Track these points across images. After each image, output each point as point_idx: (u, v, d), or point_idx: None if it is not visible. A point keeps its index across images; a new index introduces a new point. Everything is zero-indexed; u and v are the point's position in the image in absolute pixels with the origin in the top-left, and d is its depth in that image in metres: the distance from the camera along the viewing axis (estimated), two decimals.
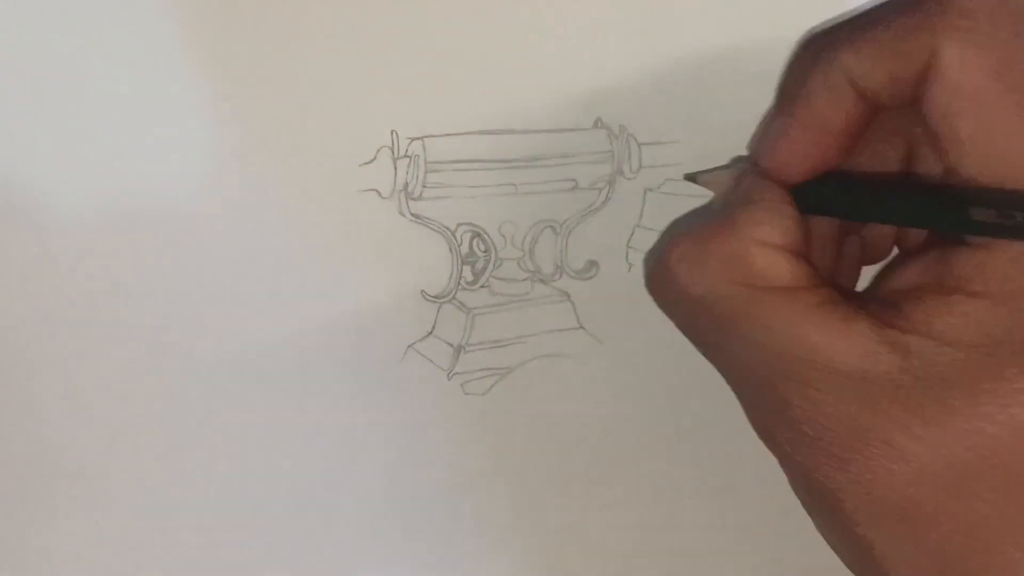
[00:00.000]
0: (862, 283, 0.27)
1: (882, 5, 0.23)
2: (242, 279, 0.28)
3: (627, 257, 0.31)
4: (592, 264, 0.31)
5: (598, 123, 0.29)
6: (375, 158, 0.28)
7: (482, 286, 0.30)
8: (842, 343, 0.22)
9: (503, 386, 0.31)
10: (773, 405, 0.23)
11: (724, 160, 0.29)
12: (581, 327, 0.31)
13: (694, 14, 0.29)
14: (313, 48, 0.27)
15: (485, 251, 0.30)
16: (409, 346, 0.30)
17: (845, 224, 0.26)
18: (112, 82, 0.26)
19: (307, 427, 0.30)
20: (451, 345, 0.30)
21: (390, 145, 0.28)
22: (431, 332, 0.30)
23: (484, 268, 0.30)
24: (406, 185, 0.28)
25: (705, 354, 0.25)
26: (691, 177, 0.27)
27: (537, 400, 0.32)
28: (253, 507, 0.30)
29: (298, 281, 0.28)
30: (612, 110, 0.29)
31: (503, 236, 0.30)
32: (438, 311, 0.30)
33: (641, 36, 0.29)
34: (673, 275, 0.24)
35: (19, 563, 0.29)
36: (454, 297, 0.30)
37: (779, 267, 0.23)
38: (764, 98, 0.30)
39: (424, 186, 0.28)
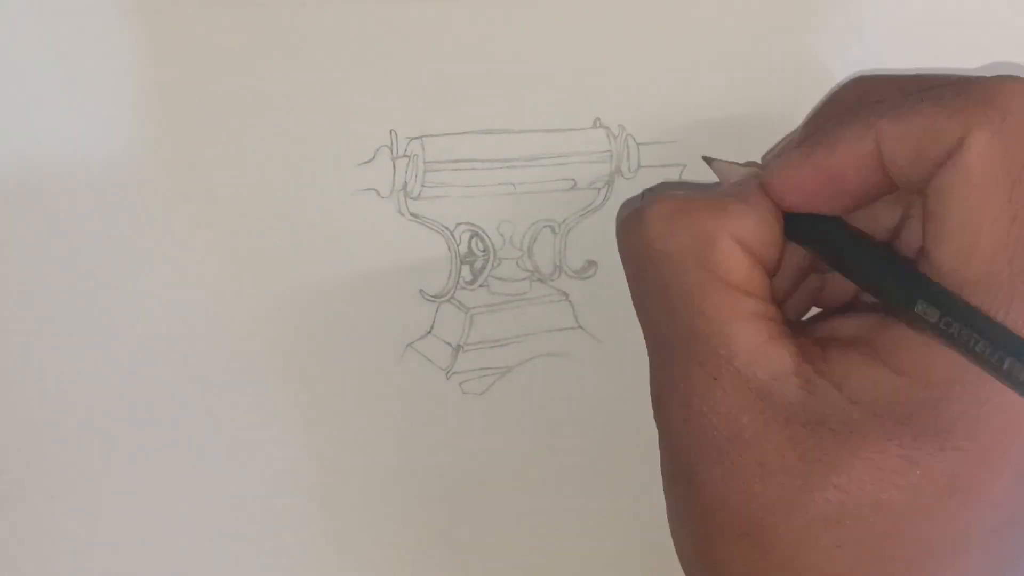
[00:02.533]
0: None
1: (937, 79, 0.24)
2: (240, 278, 0.28)
3: None
4: (591, 264, 0.31)
5: (597, 123, 0.29)
6: (374, 158, 0.28)
7: (481, 285, 0.30)
8: (761, 358, 0.23)
9: (502, 385, 0.31)
10: (678, 382, 0.24)
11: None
12: (580, 326, 0.31)
13: (693, 14, 0.29)
14: (311, 47, 0.27)
15: (484, 250, 0.30)
16: (408, 345, 0.30)
17: (814, 261, 0.27)
18: (107, 83, 0.26)
19: (305, 426, 0.30)
20: (450, 344, 0.30)
21: (389, 144, 0.28)
22: (430, 331, 0.30)
23: (483, 267, 0.30)
24: (405, 184, 0.28)
25: (639, 309, 0.26)
26: (708, 159, 0.28)
27: (536, 399, 0.32)
28: (251, 506, 0.30)
29: (296, 280, 0.29)
30: (611, 110, 0.29)
31: (502, 235, 0.30)
32: (437, 310, 0.30)
33: (640, 36, 0.29)
34: (646, 226, 0.25)
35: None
36: (453, 296, 0.30)
37: (738, 265, 0.24)
38: (762, 99, 0.30)
39: (423, 185, 0.28)
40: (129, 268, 0.27)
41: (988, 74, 0.23)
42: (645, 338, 0.26)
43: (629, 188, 0.30)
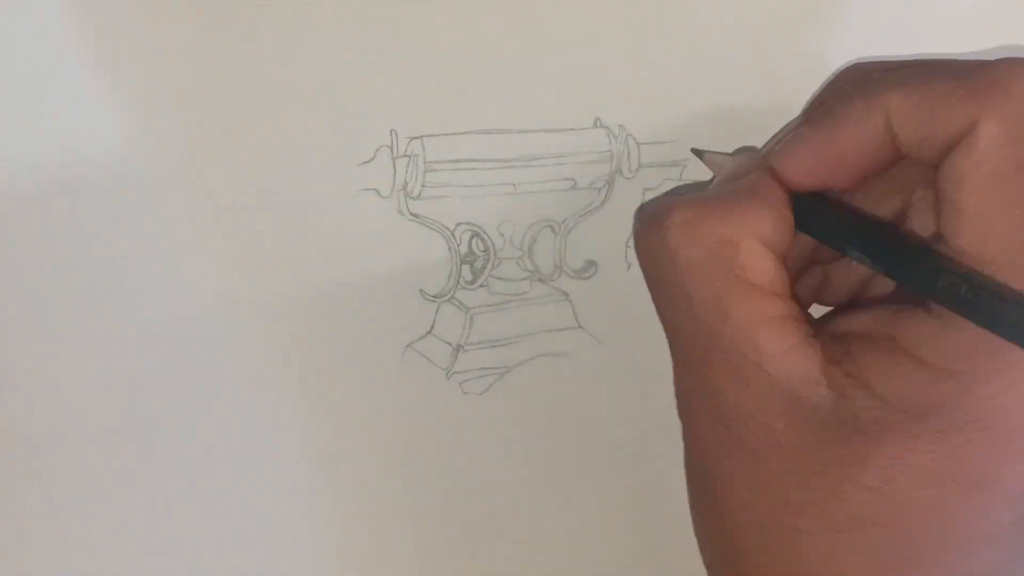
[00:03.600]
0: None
1: (943, 62, 0.24)
2: (240, 278, 0.28)
3: (626, 257, 0.31)
4: (591, 264, 0.31)
5: (597, 123, 0.29)
6: (374, 157, 0.28)
7: (481, 285, 0.30)
8: (790, 362, 0.23)
9: (501, 385, 0.31)
10: (706, 387, 0.24)
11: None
12: (580, 326, 0.31)
13: (693, 14, 0.29)
14: (312, 47, 0.27)
15: (484, 250, 0.30)
16: (408, 345, 0.30)
17: (815, 253, 0.27)
18: (107, 83, 0.26)
19: (305, 425, 0.30)
20: (450, 344, 0.30)
21: (389, 144, 0.28)
22: (430, 331, 0.30)
23: (483, 267, 0.30)
24: (405, 184, 0.28)
25: (662, 316, 0.26)
26: (698, 152, 0.28)
27: (535, 399, 0.32)
28: (252, 506, 0.30)
29: (296, 280, 0.28)
30: (611, 110, 0.29)
31: (502, 235, 0.30)
32: (437, 310, 0.30)
33: (641, 36, 0.29)
34: (666, 235, 0.24)
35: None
36: (453, 296, 0.30)
37: (764, 266, 0.24)
38: (762, 98, 0.30)
39: (423, 185, 0.28)
40: (129, 268, 0.27)
41: (995, 56, 0.23)
42: (669, 344, 0.26)
43: (629, 188, 0.30)
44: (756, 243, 0.24)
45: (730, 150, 0.29)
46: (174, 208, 0.27)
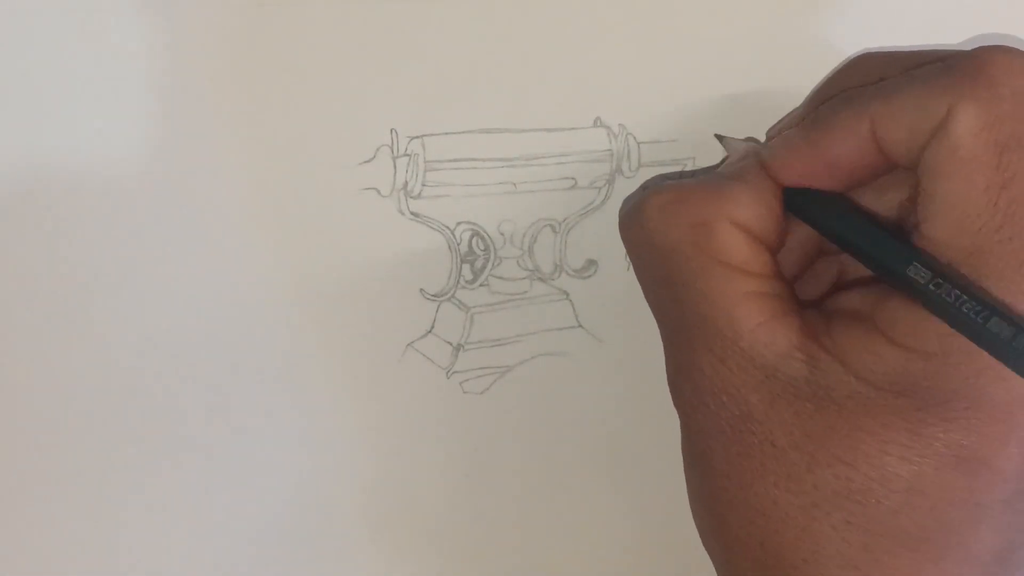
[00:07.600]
0: None
1: (928, 55, 0.24)
2: (240, 277, 0.28)
3: (626, 256, 0.31)
4: (591, 263, 0.31)
5: (597, 122, 0.29)
6: (374, 157, 0.28)
7: (481, 284, 0.30)
8: (764, 336, 0.24)
9: (502, 385, 0.31)
10: (688, 366, 0.25)
11: (720, 158, 0.29)
12: (580, 326, 0.31)
13: (694, 14, 0.29)
14: (313, 46, 0.27)
15: (484, 249, 0.30)
16: (408, 344, 0.30)
17: (824, 240, 0.27)
18: (108, 84, 0.26)
19: (305, 425, 0.30)
20: (450, 343, 0.30)
21: (389, 144, 0.28)
22: (430, 330, 0.30)
23: (483, 266, 0.30)
24: (405, 184, 0.28)
25: (648, 299, 0.27)
26: (720, 137, 0.29)
27: (536, 399, 0.32)
28: (251, 506, 0.30)
29: (297, 280, 0.29)
30: (611, 109, 0.29)
31: (502, 235, 0.30)
32: (437, 309, 0.30)
33: (641, 36, 0.29)
34: (645, 221, 0.25)
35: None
36: (453, 295, 0.30)
37: (738, 246, 0.24)
38: (763, 99, 0.30)
39: (423, 185, 0.29)
40: (130, 268, 0.27)
41: (978, 45, 0.23)
42: (658, 326, 0.26)
43: (630, 187, 0.30)
44: (729, 225, 0.24)
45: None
46: (173, 208, 0.27)
